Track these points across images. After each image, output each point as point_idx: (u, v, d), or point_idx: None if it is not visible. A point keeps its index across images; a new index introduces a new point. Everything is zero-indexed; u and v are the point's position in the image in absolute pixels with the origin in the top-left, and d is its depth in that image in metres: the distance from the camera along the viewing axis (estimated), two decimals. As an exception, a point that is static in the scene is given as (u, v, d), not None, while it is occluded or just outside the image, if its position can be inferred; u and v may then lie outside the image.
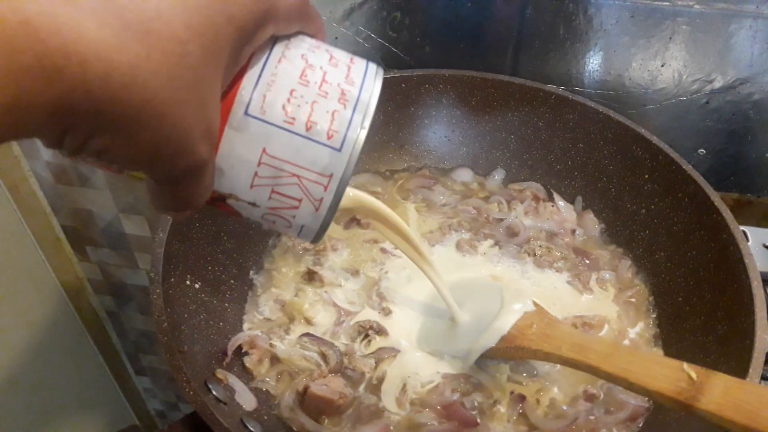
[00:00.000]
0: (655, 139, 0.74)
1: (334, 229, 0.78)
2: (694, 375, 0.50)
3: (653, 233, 0.75)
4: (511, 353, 0.62)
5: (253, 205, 0.39)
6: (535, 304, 0.64)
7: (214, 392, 0.55)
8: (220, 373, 0.59)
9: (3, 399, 1.17)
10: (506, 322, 0.62)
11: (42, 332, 1.26)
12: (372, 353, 0.65)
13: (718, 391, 0.48)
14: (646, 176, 0.75)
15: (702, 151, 0.90)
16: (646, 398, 0.61)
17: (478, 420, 0.60)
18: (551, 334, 0.60)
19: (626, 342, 0.69)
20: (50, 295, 1.29)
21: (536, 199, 0.82)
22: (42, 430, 1.29)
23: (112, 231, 1.28)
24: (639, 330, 0.70)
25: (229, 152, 0.37)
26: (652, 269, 0.74)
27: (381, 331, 0.66)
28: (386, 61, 0.89)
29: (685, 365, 0.51)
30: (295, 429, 0.60)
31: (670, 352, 0.67)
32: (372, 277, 0.73)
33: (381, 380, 0.63)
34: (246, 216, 0.41)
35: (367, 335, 0.66)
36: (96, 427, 1.48)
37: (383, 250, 0.76)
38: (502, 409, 0.62)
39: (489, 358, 0.64)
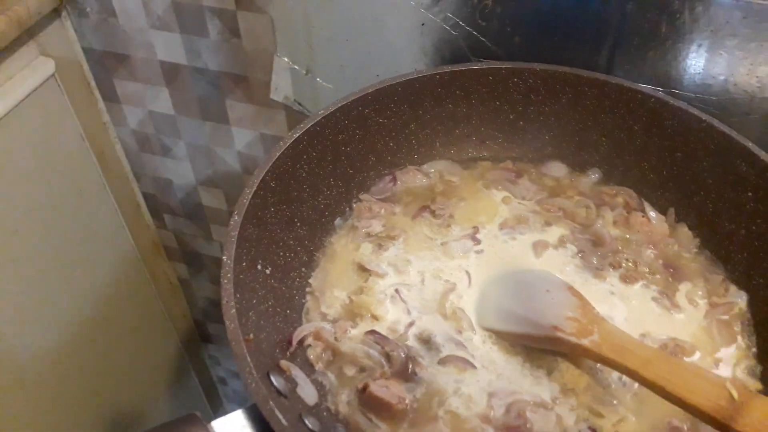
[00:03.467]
0: (763, 155, 0.68)
1: (400, 220, 0.76)
2: (735, 394, 0.49)
3: (753, 256, 0.69)
4: (549, 344, 0.62)
5: None
6: (580, 297, 0.63)
7: (276, 384, 0.54)
8: (284, 364, 0.59)
9: (76, 356, 1.22)
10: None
11: (117, 293, 1.31)
12: (441, 360, 0.63)
13: (758, 415, 0.48)
14: (750, 194, 0.69)
15: (811, 168, 0.82)
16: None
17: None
18: (592, 330, 0.59)
19: (722, 372, 0.64)
20: (127, 259, 1.33)
21: (628, 207, 0.77)
22: (106, 385, 1.34)
23: (189, 201, 1.32)
24: (734, 356, 0.65)
25: None
26: (750, 296, 0.68)
27: (452, 341, 0.64)
28: (473, 51, 0.85)
29: (728, 383, 0.50)
30: (350, 428, 0.59)
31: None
32: (443, 278, 0.70)
33: (446, 390, 0.61)
34: None
35: (436, 345, 0.64)
36: (159, 387, 1.53)
37: (475, 239, 0.74)
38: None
39: (529, 346, 0.64)
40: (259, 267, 0.63)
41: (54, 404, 1.18)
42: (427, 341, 0.64)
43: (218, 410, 1.76)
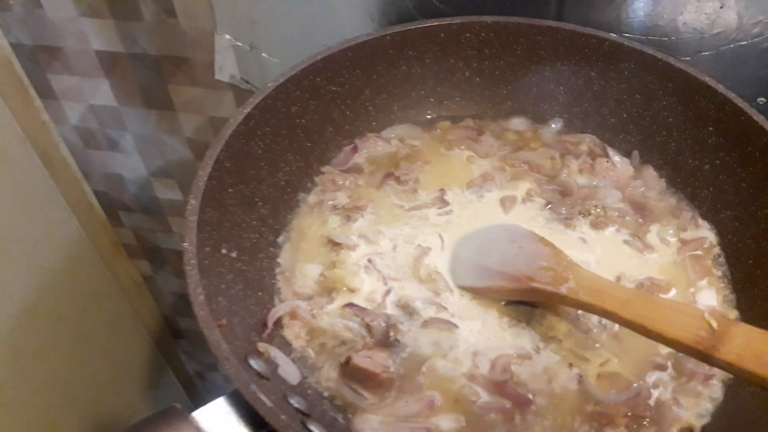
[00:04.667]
0: (721, 88, 0.68)
1: (365, 189, 0.74)
2: (714, 324, 0.49)
3: (718, 190, 0.69)
4: (527, 295, 0.61)
5: None
6: (551, 246, 0.63)
7: (255, 367, 0.52)
8: (262, 347, 0.56)
9: (43, 365, 1.17)
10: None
11: (80, 298, 1.27)
12: (422, 324, 0.61)
13: (739, 341, 0.47)
14: (711, 128, 0.70)
15: (762, 99, 0.83)
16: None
17: (534, 398, 0.57)
18: (567, 277, 0.59)
19: (697, 304, 0.65)
20: (86, 261, 1.28)
21: (592, 154, 0.76)
22: (83, 393, 1.30)
23: (143, 195, 1.27)
24: (708, 287, 0.66)
25: None
26: (719, 229, 0.69)
27: (431, 304, 0.63)
28: (420, 11, 0.83)
29: (707, 314, 0.50)
30: (337, 402, 0.58)
31: (746, 317, 0.63)
32: (416, 243, 0.68)
33: (430, 353, 0.60)
34: None
35: (416, 310, 0.62)
36: (137, 389, 1.50)
37: (443, 201, 0.72)
38: (558, 386, 0.58)
39: (507, 300, 0.63)
40: (223, 251, 0.61)
41: (28, 413, 1.14)
42: (406, 307, 0.62)
43: (200, 405, 1.73)
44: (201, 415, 0.47)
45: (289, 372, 0.56)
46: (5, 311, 1.07)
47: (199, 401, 1.74)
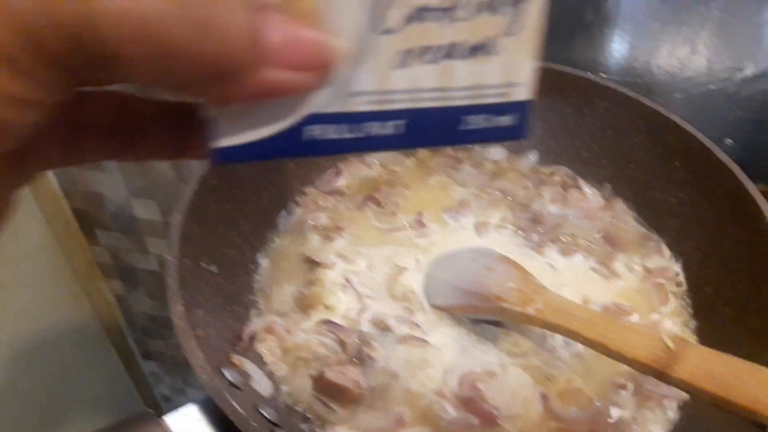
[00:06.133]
0: (687, 127, 0.71)
1: (346, 211, 0.76)
2: (671, 344, 0.52)
3: (683, 222, 0.72)
4: (496, 314, 0.63)
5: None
6: (521, 269, 0.65)
7: (229, 378, 0.53)
8: (236, 359, 0.57)
9: (11, 380, 1.16)
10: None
11: (53, 314, 1.26)
12: (395, 341, 0.62)
13: (693, 361, 0.50)
14: (677, 164, 0.73)
15: (729, 141, 0.87)
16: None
17: (499, 415, 0.58)
18: (535, 298, 0.61)
19: (659, 329, 0.67)
20: (61, 279, 1.27)
21: (565, 185, 0.79)
22: (50, 411, 1.28)
23: (122, 215, 1.27)
24: (670, 313, 0.68)
25: None
26: (682, 259, 0.72)
27: (405, 322, 0.64)
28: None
29: (664, 335, 0.53)
30: (308, 415, 0.58)
31: (704, 342, 0.65)
32: (392, 263, 0.70)
33: (402, 370, 0.61)
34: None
35: (390, 328, 0.63)
36: (103, 409, 1.48)
37: (420, 224, 0.74)
38: (523, 403, 0.60)
39: (477, 318, 0.65)
40: (203, 265, 0.62)
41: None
42: (380, 324, 0.63)
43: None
44: (172, 419, 0.48)
45: (262, 384, 0.57)
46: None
47: (167, 427, 1.72)
